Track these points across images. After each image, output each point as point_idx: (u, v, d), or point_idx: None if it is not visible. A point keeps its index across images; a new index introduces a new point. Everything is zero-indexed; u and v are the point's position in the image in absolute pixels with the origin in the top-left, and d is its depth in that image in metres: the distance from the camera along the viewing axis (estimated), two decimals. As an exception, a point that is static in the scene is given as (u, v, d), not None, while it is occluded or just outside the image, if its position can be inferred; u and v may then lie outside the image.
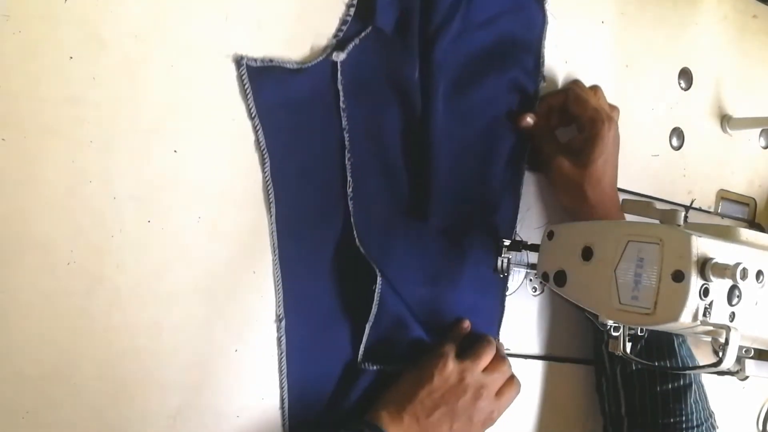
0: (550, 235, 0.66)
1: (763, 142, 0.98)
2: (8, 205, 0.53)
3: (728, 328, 0.54)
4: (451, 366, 0.66)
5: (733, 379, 0.90)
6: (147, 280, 0.58)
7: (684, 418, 0.73)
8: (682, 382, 0.73)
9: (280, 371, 0.64)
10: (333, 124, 0.64)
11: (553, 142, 0.74)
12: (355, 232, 0.65)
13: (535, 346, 0.79)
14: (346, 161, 0.64)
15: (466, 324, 0.71)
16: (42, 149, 0.54)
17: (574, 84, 0.75)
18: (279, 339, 0.63)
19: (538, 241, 0.68)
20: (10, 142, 0.52)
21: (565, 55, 0.79)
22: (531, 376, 0.79)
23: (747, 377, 0.63)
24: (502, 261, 0.71)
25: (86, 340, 0.56)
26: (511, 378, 0.70)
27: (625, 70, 0.84)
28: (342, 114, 0.64)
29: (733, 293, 0.55)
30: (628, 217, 0.66)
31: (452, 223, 0.70)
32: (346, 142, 0.64)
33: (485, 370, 0.68)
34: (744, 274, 0.53)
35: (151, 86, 0.57)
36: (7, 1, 0.52)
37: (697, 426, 0.73)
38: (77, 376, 0.56)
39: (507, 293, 0.76)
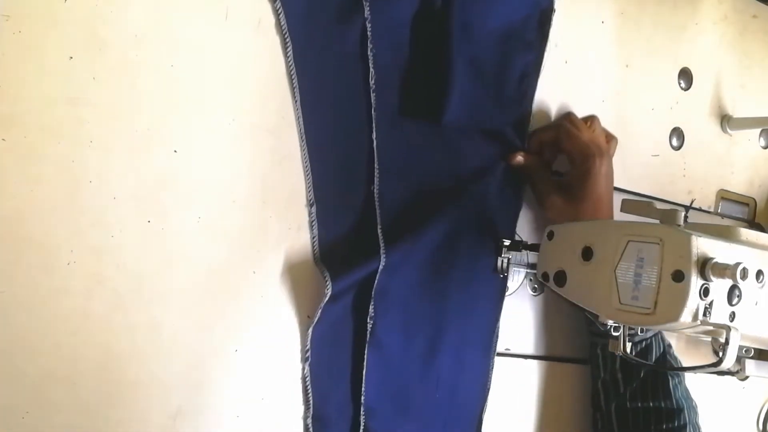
0: (550, 236, 0.66)
1: (763, 142, 0.98)
2: (8, 205, 0.53)
3: (728, 328, 0.54)
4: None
5: (733, 379, 0.90)
6: (147, 280, 0.58)
7: None
8: (677, 424, 0.72)
9: (314, 252, 0.65)
10: (356, 15, 0.64)
11: (546, 180, 0.74)
12: (374, 123, 0.65)
13: (535, 346, 0.79)
14: (369, 51, 0.65)
15: None
16: (42, 149, 0.54)
17: (565, 119, 0.75)
18: (311, 223, 0.64)
19: (538, 241, 0.68)
20: (10, 142, 0.52)
21: (565, 55, 0.79)
22: (530, 376, 0.79)
23: (747, 377, 0.63)
24: (502, 261, 0.71)
25: (86, 340, 0.56)
26: None
27: (625, 70, 0.84)
28: (364, 4, 0.64)
29: (733, 293, 0.55)
30: (628, 217, 0.66)
31: (464, 124, 0.69)
32: (368, 32, 0.64)
33: None
34: (744, 274, 0.53)
35: (151, 86, 0.57)
36: (7, 1, 0.52)
37: None
38: (77, 376, 0.56)
39: (507, 293, 0.76)
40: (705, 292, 0.53)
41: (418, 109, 0.68)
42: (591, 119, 0.75)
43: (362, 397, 0.66)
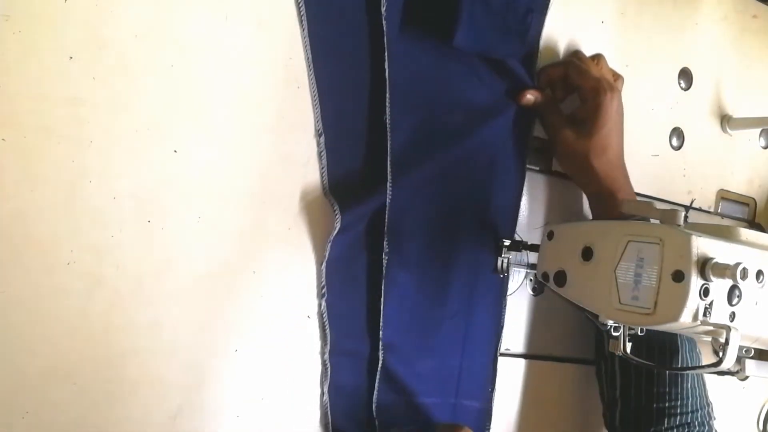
0: (550, 236, 0.66)
1: (763, 142, 0.98)
2: (8, 205, 0.53)
3: (728, 328, 0.54)
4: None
5: (734, 379, 0.90)
6: (147, 279, 0.58)
7: (678, 403, 0.72)
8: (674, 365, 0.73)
9: (323, 184, 0.65)
10: None
11: (557, 114, 0.74)
12: (386, 52, 0.65)
13: (535, 346, 0.79)
14: None
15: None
16: (42, 149, 0.53)
17: (574, 55, 0.76)
18: (320, 154, 0.65)
19: (538, 242, 0.68)
20: (10, 142, 0.52)
21: (566, 55, 0.79)
22: (530, 375, 0.79)
23: (747, 377, 0.63)
24: (502, 261, 0.71)
25: (86, 340, 0.56)
26: None
27: (625, 70, 0.84)
28: None
29: (733, 293, 0.55)
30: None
31: (473, 50, 0.69)
32: None
33: None
34: (744, 274, 0.53)
35: (151, 86, 0.57)
36: (7, 1, 0.52)
37: (692, 412, 0.73)
38: (77, 375, 0.56)
39: (507, 293, 0.76)
40: (705, 292, 0.53)
41: (429, 36, 0.67)
42: (598, 57, 0.76)
43: (380, 332, 0.66)
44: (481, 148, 0.71)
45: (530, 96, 0.73)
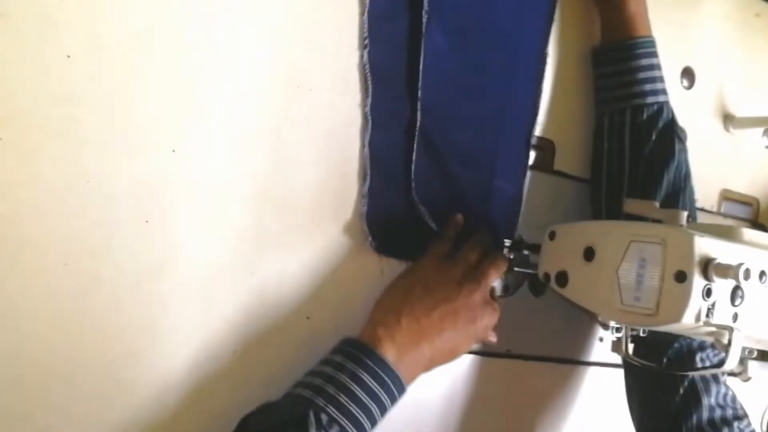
0: (551, 236, 0.66)
1: (766, 142, 0.98)
2: (5, 205, 0.52)
3: (731, 329, 0.53)
4: (451, 264, 0.65)
5: (736, 379, 0.89)
6: (145, 280, 0.57)
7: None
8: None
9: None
10: None
11: None
12: None
13: (536, 347, 0.79)
14: None
15: (459, 218, 0.70)
16: (39, 148, 0.53)
17: None
18: None
19: (539, 242, 0.68)
20: (6, 141, 0.52)
21: (566, 54, 0.78)
22: (532, 377, 0.78)
23: (750, 378, 0.63)
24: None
25: (84, 342, 0.56)
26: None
27: (627, 69, 0.83)
28: None
29: (736, 294, 0.55)
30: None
31: None
32: None
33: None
34: (747, 275, 0.52)
35: (149, 85, 0.57)
36: (4, 0, 0.51)
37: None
38: (75, 377, 0.55)
39: (507, 294, 0.75)
40: (708, 292, 0.53)
41: None
42: None
43: (419, 92, 0.66)
44: None
45: None
